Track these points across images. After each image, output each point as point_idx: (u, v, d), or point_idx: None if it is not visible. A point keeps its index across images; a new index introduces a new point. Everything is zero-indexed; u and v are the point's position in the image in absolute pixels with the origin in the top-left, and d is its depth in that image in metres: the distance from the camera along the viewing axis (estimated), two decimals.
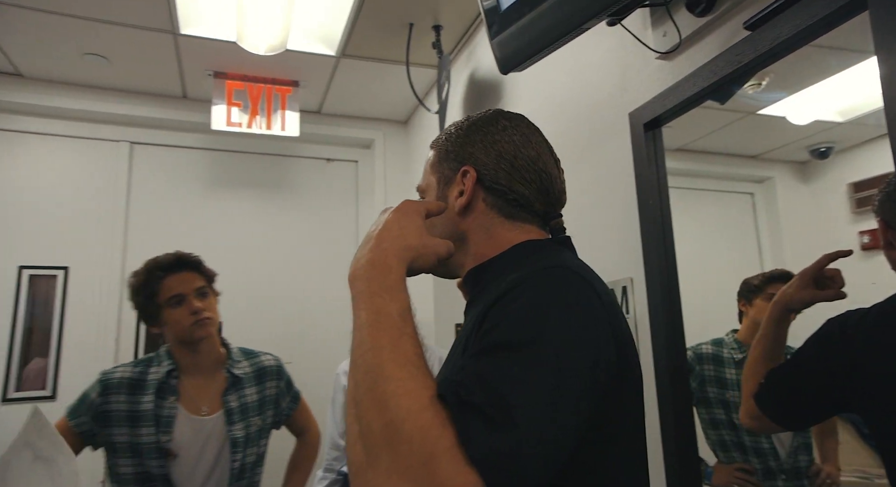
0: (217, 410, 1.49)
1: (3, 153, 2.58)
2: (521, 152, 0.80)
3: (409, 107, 2.98)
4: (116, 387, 1.43)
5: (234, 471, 1.47)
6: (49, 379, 2.50)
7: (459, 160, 0.81)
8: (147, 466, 1.39)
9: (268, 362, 1.65)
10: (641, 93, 1.34)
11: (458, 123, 0.86)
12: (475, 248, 0.80)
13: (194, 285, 1.48)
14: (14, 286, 2.51)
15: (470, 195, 0.79)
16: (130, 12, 2.07)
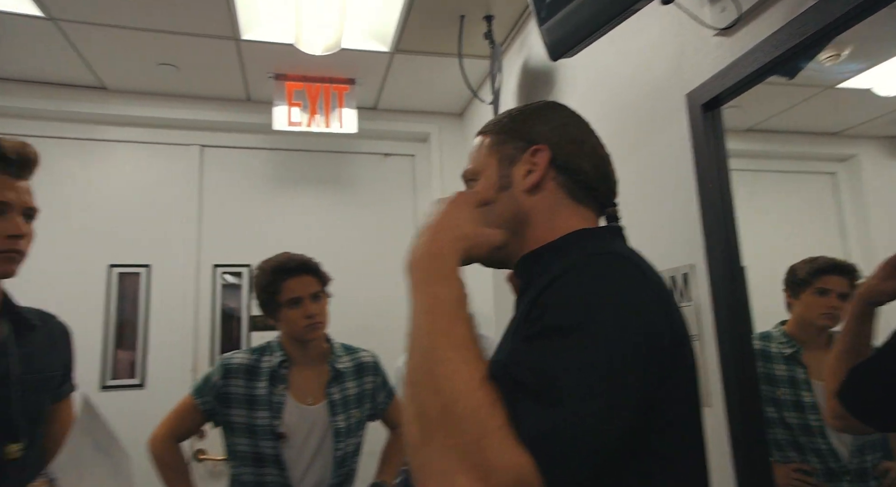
0: (321, 401, 1.61)
1: (92, 161, 2.78)
2: (588, 138, 0.82)
3: (464, 100, 2.98)
4: (235, 372, 1.58)
5: (336, 459, 1.57)
6: (138, 369, 2.70)
7: (528, 139, 0.81)
8: (261, 446, 1.51)
9: (366, 358, 1.77)
10: (699, 73, 1.29)
11: (519, 108, 0.87)
12: (534, 231, 0.80)
13: (311, 290, 1.60)
14: (105, 283, 2.71)
15: (542, 173, 0.79)
16: (197, 22, 2.18)
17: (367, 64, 2.57)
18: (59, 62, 2.45)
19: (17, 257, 1.11)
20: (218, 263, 2.87)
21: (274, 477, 1.52)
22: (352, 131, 2.72)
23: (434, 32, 2.31)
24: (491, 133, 0.86)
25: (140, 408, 2.61)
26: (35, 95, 2.65)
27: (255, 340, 2.83)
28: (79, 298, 2.64)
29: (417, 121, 3.11)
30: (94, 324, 2.65)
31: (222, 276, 2.87)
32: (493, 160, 0.83)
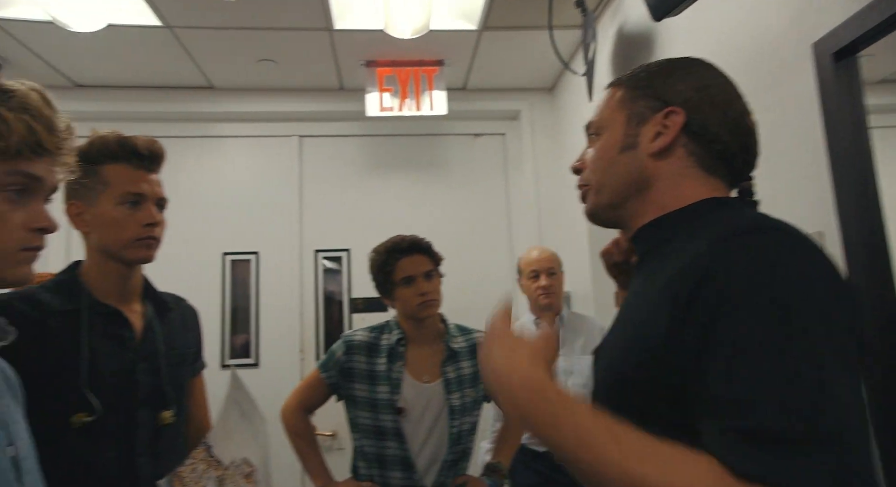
0: (436, 379, 1.65)
1: (203, 157, 2.99)
2: (734, 104, 0.75)
3: (554, 73, 2.90)
4: (357, 348, 1.66)
5: (452, 437, 1.60)
6: (252, 349, 2.89)
7: (663, 99, 0.75)
8: (381, 420, 1.58)
9: (481, 339, 1.75)
10: (828, 20, 1.16)
11: (660, 62, 0.80)
12: (657, 196, 0.75)
13: (424, 268, 1.65)
14: (220, 270, 2.92)
15: (672, 138, 0.74)
16: (292, 16, 2.26)
17: (454, 44, 2.55)
18: (174, 66, 2.64)
19: (154, 243, 1.22)
20: (319, 248, 2.99)
21: (394, 450, 1.58)
22: (442, 113, 2.73)
23: (522, 5, 2.26)
24: (624, 86, 0.80)
25: (255, 385, 2.78)
26: (153, 99, 2.87)
27: (356, 322, 2.94)
28: (198, 284, 2.85)
29: (507, 98, 3.06)
30: (212, 308, 2.87)
31: (323, 261, 3.00)
32: (621, 116, 0.78)
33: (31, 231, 0.73)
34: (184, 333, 1.35)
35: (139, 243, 1.18)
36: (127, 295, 1.23)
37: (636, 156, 0.76)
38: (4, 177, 0.70)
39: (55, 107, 0.76)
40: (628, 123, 0.77)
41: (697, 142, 0.74)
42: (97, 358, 1.12)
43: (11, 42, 2.35)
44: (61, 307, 1.13)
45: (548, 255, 2.27)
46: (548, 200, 3.01)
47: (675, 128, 0.73)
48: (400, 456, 1.58)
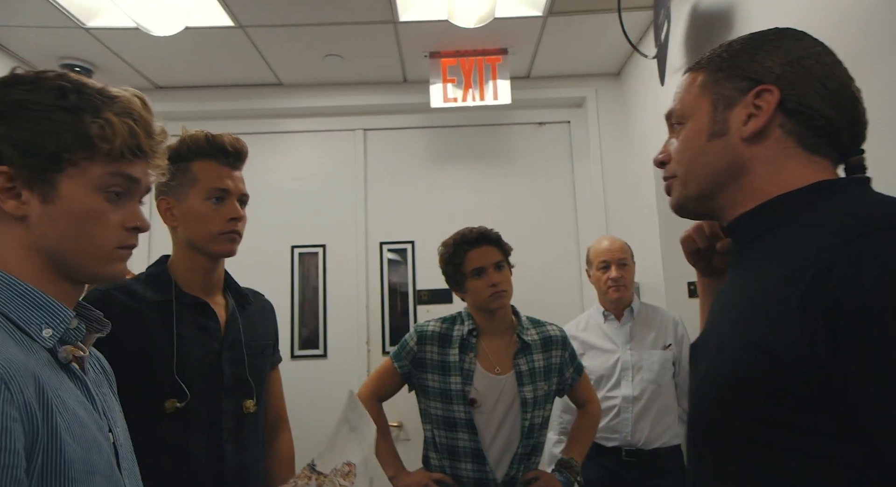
0: (508, 371, 1.64)
1: (273, 152, 3.08)
2: (834, 73, 0.69)
3: (621, 57, 2.81)
4: (430, 339, 1.68)
5: (524, 430, 1.59)
6: (320, 341, 2.96)
7: (752, 78, 0.70)
8: (454, 411, 1.59)
9: (553, 331, 1.75)
10: None
11: (741, 40, 0.75)
12: (755, 182, 0.70)
13: (493, 259, 1.65)
14: (289, 263, 3.01)
15: (767, 118, 0.69)
16: (359, 10, 2.29)
17: (518, 31, 2.52)
18: (245, 65, 2.74)
19: (236, 238, 1.27)
20: (384, 240, 3.03)
21: (465, 441, 1.58)
22: (506, 102, 2.71)
23: None
24: (704, 70, 0.76)
25: (323, 376, 2.88)
26: (225, 98, 2.99)
27: (421, 314, 2.97)
28: (269, 277, 2.95)
29: (572, 85, 3.00)
30: (282, 300, 2.96)
31: (388, 253, 3.03)
32: (706, 102, 0.74)
33: (126, 230, 0.76)
34: (263, 325, 1.39)
35: (223, 237, 1.23)
36: (211, 287, 1.29)
37: (728, 143, 0.71)
38: (107, 178, 0.74)
39: (153, 112, 0.80)
40: (714, 108, 0.73)
41: (796, 121, 0.68)
42: (186, 346, 1.18)
43: (101, 49, 2.50)
44: (154, 297, 1.20)
45: (619, 245, 2.20)
46: (614, 188, 2.94)
47: (770, 108, 0.68)
48: (471, 448, 1.57)
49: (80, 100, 0.72)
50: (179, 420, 1.14)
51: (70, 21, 2.26)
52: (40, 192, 0.70)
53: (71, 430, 0.66)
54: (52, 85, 0.72)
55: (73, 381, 0.73)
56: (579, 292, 2.96)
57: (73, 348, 0.73)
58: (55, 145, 0.70)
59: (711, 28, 1.96)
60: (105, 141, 0.72)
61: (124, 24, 2.29)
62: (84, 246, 0.73)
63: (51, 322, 0.70)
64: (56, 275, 0.73)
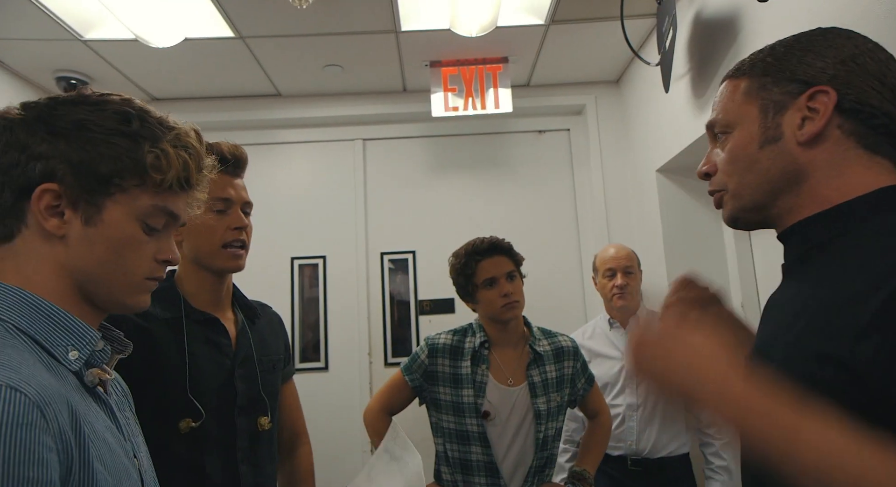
0: (521, 382, 1.62)
1: (271, 163, 3.06)
2: (890, 68, 0.67)
3: (620, 65, 2.82)
4: (441, 351, 1.65)
5: (538, 442, 1.57)
6: (321, 353, 2.93)
7: (803, 80, 0.69)
8: (466, 424, 1.57)
9: (564, 342, 1.74)
10: None
11: (785, 42, 0.73)
12: (815, 188, 0.68)
13: (505, 269, 1.63)
14: (289, 274, 2.97)
15: (825, 121, 0.67)
16: (360, 20, 2.28)
17: (519, 40, 2.52)
18: (243, 76, 2.71)
19: (242, 253, 1.24)
20: (384, 251, 3.01)
21: (478, 455, 1.56)
22: (507, 110, 2.70)
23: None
24: (748, 76, 0.74)
25: (325, 388, 2.85)
26: (223, 109, 2.96)
27: (423, 324, 2.94)
28: (269, 289, 2.91)
29: (571, 93, 3.00)
30: (283, 312, 2.89)
31: (389, 263, 3.01)
32: (753, 108, 0.72)
33: (157, 262, 0.76)
34: (273, 339, 1.36)
35: (228, 252, 1.20)
36: (220, 302, 1.25)
37: (783, 149, 0.69)
38: (151, 210, 0.73)
39: (205, 145, 0.80)
40: (764, 114, 0.71)
41: (855, 120, 0.66)
42: (199, 364, 1.14)
43: (98, 61, 2.47)
44: (164, 315, 1.16)
45: (625, 253, 2.20)
46: (615, 195, 2.93)
47: (828, 110, 0.66)
48: (485, 462, 1.55)
49: (142, 127, 0.71)
50: (194, 441, 1.11)
51: (67, 33, 2.22)
52: (84, 214, 0.69)
53: (102, 458, 0.63)
54: (117, 109, 0.71)
55: (99, 405, 0.71)
56: (582, 300, 2.95)
57: (100, 371, 0.71)
58: (109, 169, 0.69)
59: (715, 35, 1.96)
60: (159, 171, 0.71)
61: (122, 36, 2.26)
62: (116, 273, 0.71)
63: (77, 344, 0.68)
64: (81, 298, 0.71)
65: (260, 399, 1.22)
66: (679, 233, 2.52)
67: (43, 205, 0.67)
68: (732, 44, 1.87)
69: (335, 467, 2.59)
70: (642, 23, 2.38)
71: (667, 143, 2.42)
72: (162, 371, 1.11)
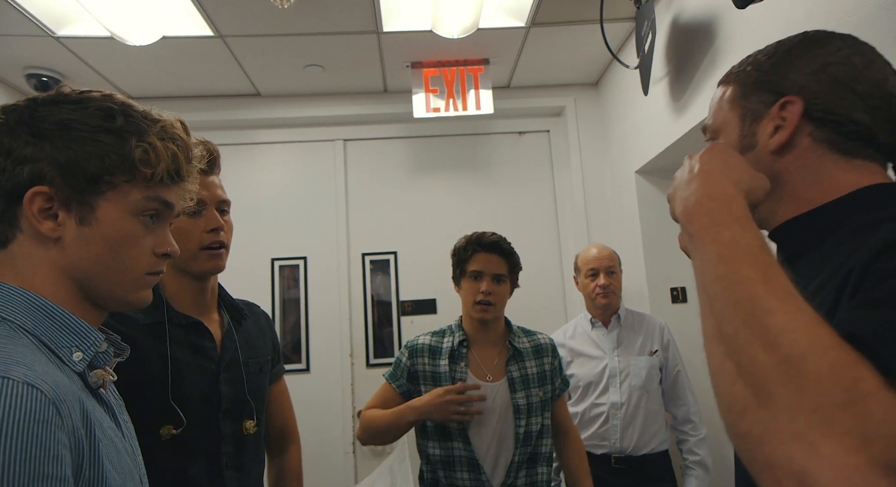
0: (500, 378, 1.63)
1: (251, 163, 3.02)
2: (864, 75, 0.69)
3: (599, 68, 2.86)
4: (420, 351, 1.67)
5: (518, 437, 1.58)
6: (303, 355, 2.90)
7: (776, 90, 0.71)
8: (448, 423, 1.57)
9: (543, 340, 1.76)
10: None
11: (768, 50, 0.76)
12: (796, 190, 0.71)
13: (495, 269, 1.64)
14: (269, 275, 2.94)
15: (792, 130, 0.69)
16: (341, 21, 2.27)
17: (500, 42, 2.53)
18: (222, 75, 2.68)
19: (222, 253, 1.20)
20: (366, 251, 3.00)
21: (460, 452, 1.58)
22: (488, 112, 2.72)
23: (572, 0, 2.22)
24: (733, 83, 0.77)
25: (307, 390, 2.82)
26: (201, 108, 2.92)
27: (405, 325, 2.94)
28: (250, 290, 2.87)
29: (551, 95, 3.03)
30: None
31: (371, 264, 3.00)
32: (735, 116, 0.75)
33: (157, 256, 0.75)
34: (261, 339, 1.34)
35: (206, 254, 1.17)
36: (204, 304, 1.23)
37: (758, 156, 0.72)
38: (145, 202, 0.72)
39: (191, 136, 0.79)
40: (742, 122, 0.74)
41: (825, 129, 0.69)
42: (182, 370, 1.12)
43: (71, 59, 2.41)
44: (146, 320, 1.12)
45: (607, 253, 2.23)
46: (595, 196, 2.97)
47: (794, 119, 0.69)
48: (466, 458, 1.57)
49: (127, 122, 0.71)
50: (177, 447, 1.09)
51: (39, 30, 2.17)
52: (77, 214, 0.68)
53: (110, 457, 0.64)
54: (99, 105, 0.70)
55: (102, 406, 0.71)
56: (562, 300, 2.98)
57: (104, 372, 0.71)
58: (98, 167, 0.68)
59: (692, 39, 2.01)
60: (148, 165, 0.71)
61: (98, 33, 2.21)
62: (116, 270, 0.71)
63: (81, 345, 0.68)
64: (81, 299, 0.71)
65: (245, 402, 1.20)
66: (657, 233, 2.56)
67: (35, 208, 0.67)
68: (709, 48, 1.91)
69: (317, 469, 2.58)
70: (622, 26, 2.41)
71: (645, 145, 2.46)
72: (143, 377, 1.08)
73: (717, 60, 1.86)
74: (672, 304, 2.55)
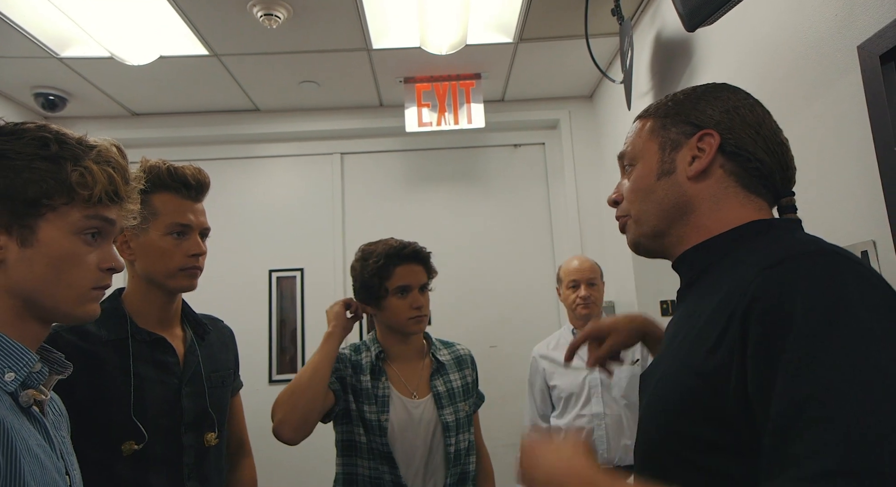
0: (426, 394, 1.53)
1: (249, 177, 3.10)
2: (764, 122, 0.77)
3: (593, 81, 2.88)
4: (344, 361, 1.52)
5: (449, 456, 1.48)
6: (298, 365, 2.95)
7: (695, 123, 0.78)
8: (373, 441, 1.45)
9: (463, 351, 1.68)
10: (872, 22, 1.11)
11: (684, 91, 0.83)
12: (700, 219, 0.77)
13: (421, 280, 1.53)
14: (267, 287, 3.01)
15: (710, 159, 0.76)
16: (332, 39, 2.33)
17: (490, 57, 2.57)
18: (221, 92, 2.76)
19: (197, 273, 1.24)
20: None
21: (387, 474, 1.44)
22: (479, 126, 2.75)
23: (558, 15, 2.25)
24: (653, 117, 0.83)
25: None
26: (202, 124, 3.00)
27: None
28: (246, 301, 2.95)
29: (546, 108, 3.05)
30: (260, 324, 2.95)
31: None
32: (654, 145, 0.81)
33: (102, 271, 0.79)
34: (223, 353, 1.36)
35: (183, 273, 1.20)
36: (168, 320, 1.25)
37: (675, 181, 0.78)
38: (84, 221, 0.76)
39: (127, 159, 0.84)
40: (662, 150, 0.80)
41: (735, 162, 0.76)
42: (144, 385, 1.14)
43: (76, 78, 2.51)
44: (108, 337, 1.15)
45: (588, 265, 2.24)
46: (589, 209, 2.98)
47: (712, 150, 0.76)
48: (393, 481, 1.43)
49: (61, 149, 0.75)
50: (139, 461, 1.11)
51: (44, 51, 2.27)
52: (19, 237, 0.72)
53: (33, 474, 0.67)
54: (34, 135, 0.75)
55: (33, 424, 0.74)
56: (556, 311, 2.99)
57: (35, 392, 0.74)
58: (35, 192, 0.73)
59: (672, 57, 2.02)
60: (85, 187, 0.75)
61: (98, 54, 2.30)
62: (61, 287, 0.75)
63: (13, 366, 0.71)
64: (26, 317, 0.74)
65: (207, 415, 1.23)
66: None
67: None
68: (688, 64, 1.92)
69: (309, 479, 2.61)
70: (612, 40, 2.43)
71: None
72: (105, 393, 1.11)
73: (696, 76, 1.87)
74: (661, 317, 2.54)
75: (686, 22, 1.21)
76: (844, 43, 1.19)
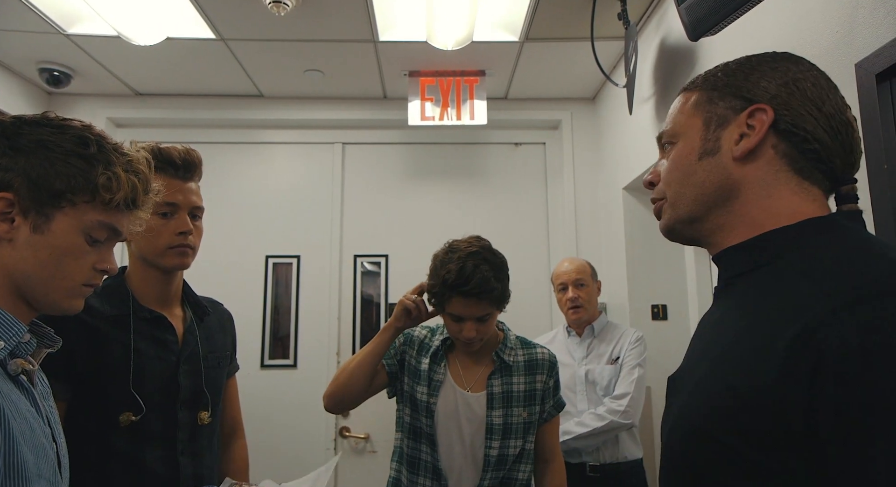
0: (481, 390, 1.51)
1: (251, 162, 3.11)
2: (830, 97, 0.68)
3: (596, 84, 2.89)
4: (412, 342, 1.59)
5: (489, 458, 1.45)
6: (290, 351, 2.97)
7: (746, 97, 0.69)
8: (419, 420, 1.51)
9: (541, 355, 1.60)
10: (870, 41, 1.14)
11: (738, 61, 0.74)
12: (745, 207, 0.69)
13: (479, 313, 1.44)
14: (263, 272, 3.02)
15: (760, 137, 0.67)
16: (339, 29, 2.34)
17: (497, 55, 2.58)
18: (226, 76, 2.77)
19: (188, 251, 1.26)
20: (358, 253, 3.06)
21: (426, 456, 1.50)
22: (482, 122, 2.76)
23: (565, 17, 2.27)
24: (699, 89, 0.75)
25: (293, 386, 2.90)
26: (206, 107, 3.01)
27: None
28: (243, 286, 2.96)
29: (548, 108, 3.07)
30: (255, 309, 2.97)
31: (362, 265, 3.06)
32: (698, 121, 0.73)
33: (96, 270, 0.83)
34: (221, 336, 1.40)
35: (173, 251, 1.23)
36: (168, 299, 1.29)
37: (718, 162, 0.70)
38: (96, 225, 0.81)
39: (153, 170, 0.89)
40: (706, 127, 0.72)
41: (789, 142, 0.67)
42: (143, 361, 1.19)
43: (81, 55, 2.51)
44: (111, 312, 1.20)
45: (576, 266, 2.26)
46: (586, 210, 3.01)
47: (763, 128, 0.67)
48: (429, 463, 1.49)
49: (99, 152, 0.80)
50: (135, 433, 1.16)
51: (50, 27, 2.27)
52: (33, 222, 0.77)
53: (23, 433, 0.70)
54: (78, 134, 0.80)
55: (21, 391, 0.77)
56: (549, 310, 3.01)
57: (23, 361, 0.77)
58: (63, 185, 0.77)
59: (674, 64, 2.04)
60: (109, 191, 0.80)
61: (105, 32, 2.31)
62: (55, 277, 0.79)
63: (2, 335, 0.74)
64: (14, 296, 0.78)
65: (202, 394, 1.27)
66: (642, 249, 2.59)
67: None
68: (691, 72, 1.94)
69: (299, 463, 2.64)
70: (616, 44, 2.45)
71: (632, 163, 2.49)
72: (106, 366, 1.15)
73: None
74: (652, 321, 2.58)
75: (690, 31, 1.23)
76: (843, 59, 1.21)
